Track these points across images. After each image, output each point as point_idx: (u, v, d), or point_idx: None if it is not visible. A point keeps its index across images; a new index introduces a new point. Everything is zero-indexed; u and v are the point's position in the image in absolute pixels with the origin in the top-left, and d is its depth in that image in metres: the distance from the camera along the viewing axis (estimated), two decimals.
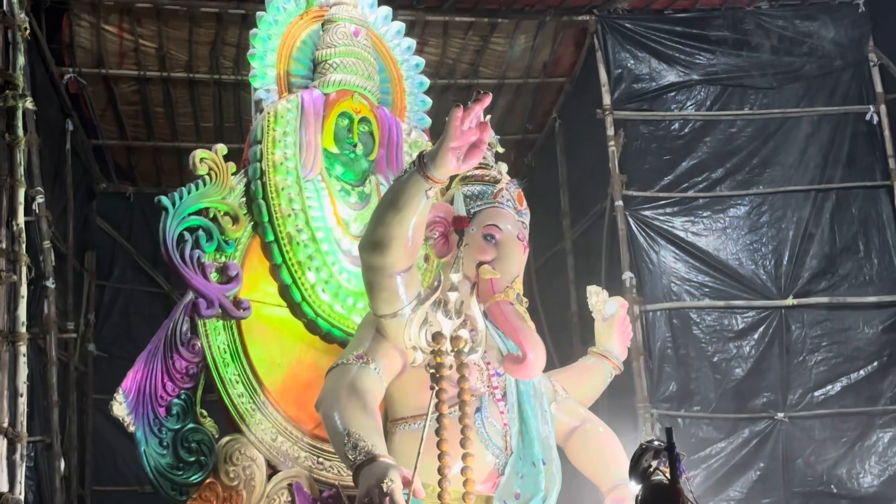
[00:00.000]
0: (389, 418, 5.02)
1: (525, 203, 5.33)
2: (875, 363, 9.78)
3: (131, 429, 5.13)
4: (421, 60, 6.03)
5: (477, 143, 4.50)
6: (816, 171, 10.06)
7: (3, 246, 7.07)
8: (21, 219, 7.24)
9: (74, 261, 10.21)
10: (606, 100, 10.11)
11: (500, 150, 5.44)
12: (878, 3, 10.09)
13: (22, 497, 6.78)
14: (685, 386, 9.59)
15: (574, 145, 11.22)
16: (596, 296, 5.88)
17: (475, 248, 5.07)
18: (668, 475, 4.28)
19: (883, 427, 9.70)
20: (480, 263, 5.06)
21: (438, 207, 5.08)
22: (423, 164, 4.52)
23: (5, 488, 6.65)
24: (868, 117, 10.15)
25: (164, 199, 5.19)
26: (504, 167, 5.35)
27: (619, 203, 9.88)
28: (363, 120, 5.54)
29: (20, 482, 6.80)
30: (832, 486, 9.59)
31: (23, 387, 6.95)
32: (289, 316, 5.39)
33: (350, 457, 4.46)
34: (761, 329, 9.79)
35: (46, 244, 8.49)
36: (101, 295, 10.86)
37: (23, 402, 6.94)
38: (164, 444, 5.15)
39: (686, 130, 10.14)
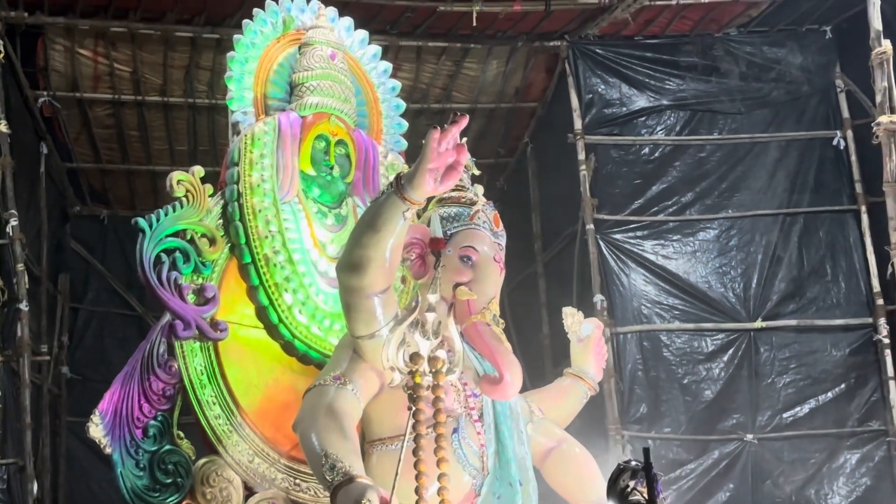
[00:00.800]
0: (367, 439, 4.98)
1: (501, 224, 5.31)
2: (842, 385, 9.84)
3: (108, 450, 5.08)
4: (397, 83, 6.01)
5: (454, 164, 4.47)
6: (784, 195, 10.12)
7: None
8: None
9: (48, 283, 10.13)
10: (577, 124, 10.15)
11: (476, 172, 5.42)
12: (844, 31, 10.15)
13: None
14: (656, 408, 9.60)
15: (545, 169, 11.24)
16: (571, 317, 5.86)
17: (452, 269, 5.03)
18: (645, 495, 4.29)
19: (850, 448, 9.75)
20: (457, 285, 5.02)
21: (415, 229, 5.04)
22: (400, 185, 4.49)
23: None
24: (835, 142, 10.22)
25: (141, 221, 5.14)
26: (480, 189, 5.34)
27: (590, 226, 9.92)
28: (340, 142, 5.50)
29: None
30: None
31: None
32: (266, 337, 5.33)
33: (328, 477, 4.42)
34: (730, 351, 9.83)
35: (20, 267, 8.45)
36: (74, 317, 10.78)
37: None
38: (141, 465, 5.10)
39: (656, 155, 10.18)
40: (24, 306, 8.47)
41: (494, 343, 4.98)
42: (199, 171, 5.33)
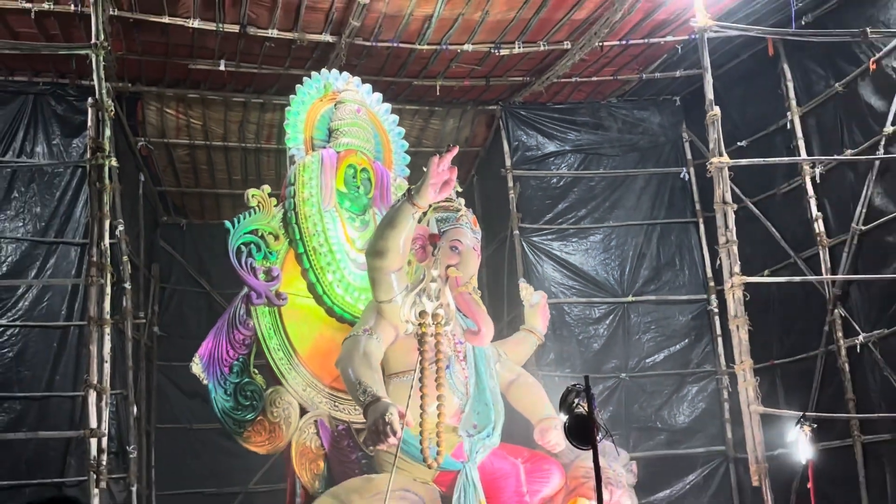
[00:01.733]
0: (385, 373, 4.94)
1: (478, 225, 5.27)
2: (686, 340, 9.90)
3: (205, 382, 5.01)
4: (402, 130, 5.95)
5: (448, 181, 4.46)
6: (648, 211, 10.14)
7: (95, 259, 6.95)
8: (107, 241, 7.12)
9: (144, 270, 9.94)
10: (508, 163, 10.12)
11: (459, 189, 5.38)
12: (688, 100, 10.21)
13: (106, 432, 6.58)
14: (560, 355, 9.57)
15: (486, 194, 11.20)
16: (525, 289, 5.83)
17: (444, 255, 5.03)
18: (585, 408, 4.25)
19: (691, 383, 9.85)
20: (448, 266, 4.99)
21: (419, 228, 5.03)
22: (410, 195, 4.49)
23: (94, 425, 6.47)
24: (682, 176, 10.24)
25: (227, 224, 5.07)
26: (462, 201, 5.30)
27: (517, 232, 9.91)
28: (364, 170, 5.46)
29: (105, 421, 6.63)
30: (658, 423, 9.67)
31: (107, 356, 6.81)
32: (314, 304, 5.29)
33: (361, 399, 4.40)
34: (611, 317, 9.83)
35: (125, 258, 8.26)
36: (162, 293, 10.56)
37: (107, 367, 6.81)
38: (228, 392, 5.02)
39: (561, 183, 10.16)
40: (127, 286, 8.30)
41: (475, 307, 4.96)
42: (266, 188, 5.25)
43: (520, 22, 8.67)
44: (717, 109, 7.94)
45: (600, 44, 8.91)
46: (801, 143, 9.08)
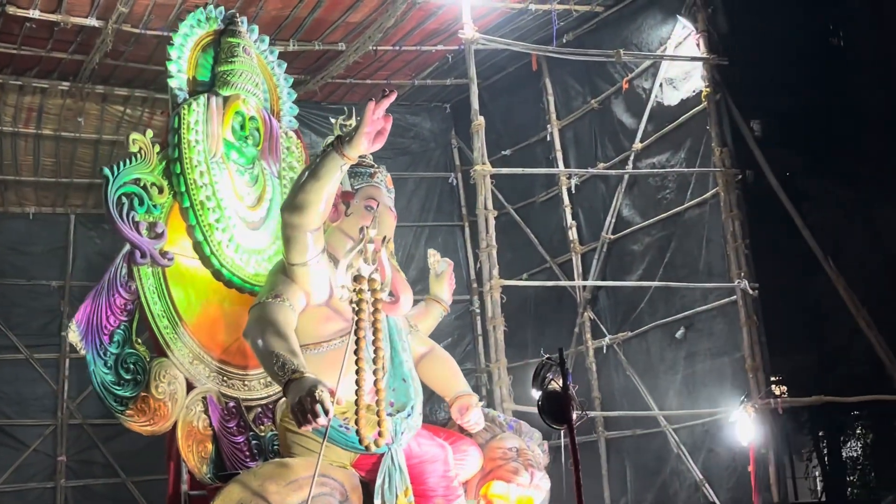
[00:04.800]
0: None
1: (392, 185, 4.76)
2: (449, 339, 9.84)
3: (82, 352, 4.00)
4: (291, 77, 5.24)
5: (381, 130, 3.95)
6: (418, 213, 10.08)
7: None
8: None
9: None
10: None
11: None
12: (457, 107, 10.33)
13: None
14: None
15: None
16: (433, 256, 5.39)
17: (358, 215, 4.44)
18: (560, 385, 3.97)
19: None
20: (363, 227, 4.40)
21: None
22: (340, 145, 3.89)
23: None
24: (450, 181, 10.30)
25: (105, 170, 4.14)
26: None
27: None
28: (252, 118, 4.71)
29: None
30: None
31: None
32: (200, 266, 4.43)
33: (279, 374, 3.69)
34: None
35: None
36: None
37: None
38: (108, 365, 4.08)
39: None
40: None
41: (394, 273, 4.38)
42: (150, 133, 4.36)
43: (294, 20, 8.47)
44: (481, 119, 8.03)
45: (374, 48, 8.81)
46: (559, 155, 9.48)
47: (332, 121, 4.64)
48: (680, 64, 8.50)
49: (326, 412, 3.43)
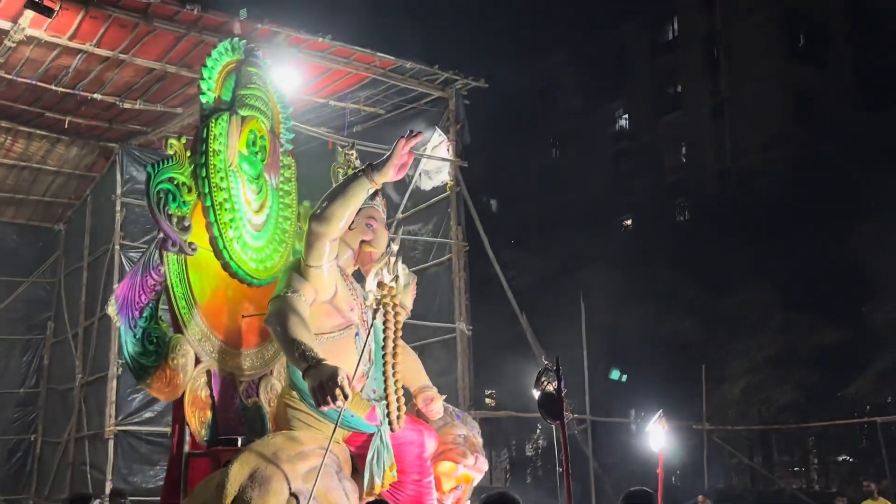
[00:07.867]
0: None
1: (386, 207, 5.46)
2: None
3: (117, 325, 4.49)
4: (290, 106, 5.77)
5: (404, 163, 4.67)
6: None
7: None
8: None
9: None
10: (118, 190, 12.60)
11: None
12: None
13: None
14: None
15: (97, 211, 13.75)
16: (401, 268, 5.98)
17: (360, 231, 5.11)
18: (555, 388, 4.71)
19: None
20: (362, 241, 5.11)
21: None
22: (370, 171, 4.60)
23: None
24: None
25: (149, 168, 4.63)
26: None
27: (118, 247, 12.29)
28: (262, 137, 5.27)
29: None
30: None
31: None
32: (213, 257, 4.95)
33: (299, 360, 4.32)
34: None
35: None
36: None
37: None
38: (136, 337, 4.57)
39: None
40: None
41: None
42: (183, 139, 4.88)
43: (144, 84, 11.31)
44: None
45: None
46: None
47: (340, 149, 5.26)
48: (434, 161, 13.02)
49: (346, 396, 4.08)
